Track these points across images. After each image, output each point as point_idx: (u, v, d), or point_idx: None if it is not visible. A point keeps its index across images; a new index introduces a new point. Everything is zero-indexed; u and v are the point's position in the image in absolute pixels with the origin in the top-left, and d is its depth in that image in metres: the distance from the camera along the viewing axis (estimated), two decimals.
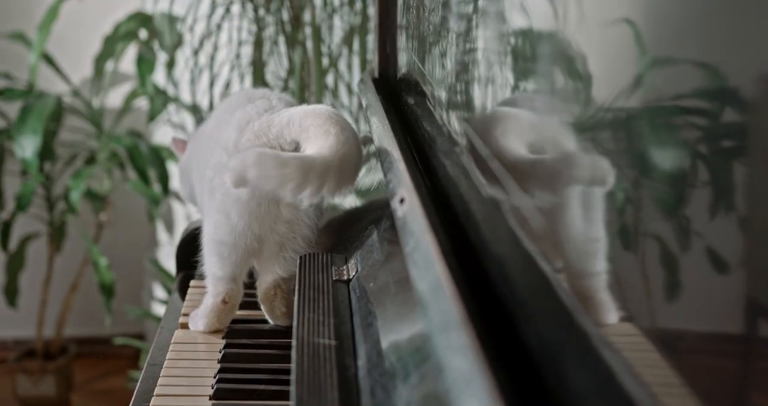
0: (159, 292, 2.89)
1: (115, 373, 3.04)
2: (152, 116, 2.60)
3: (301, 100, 2.09)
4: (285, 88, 2.18)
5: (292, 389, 0.77)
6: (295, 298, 0.98)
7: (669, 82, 0.53)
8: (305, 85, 2.10)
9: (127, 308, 2.72)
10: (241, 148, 1.07)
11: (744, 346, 0.47)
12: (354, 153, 1.03)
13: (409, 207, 0.78)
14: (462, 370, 0.50)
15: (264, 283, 1.13)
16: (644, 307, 0.56)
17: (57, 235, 2.84)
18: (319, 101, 2.02)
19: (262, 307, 1.14)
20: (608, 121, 0.61)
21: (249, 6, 2.19)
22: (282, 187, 0.99)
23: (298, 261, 1.08)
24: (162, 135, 2.85)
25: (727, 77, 0.48)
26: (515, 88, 0.82)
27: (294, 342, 0.85)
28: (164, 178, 2.67)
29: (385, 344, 0.80)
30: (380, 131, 1.08)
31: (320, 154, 1.01)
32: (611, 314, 0.59)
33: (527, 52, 0.78)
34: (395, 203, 0.82)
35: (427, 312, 0.59)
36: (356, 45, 2.13)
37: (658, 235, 0.54)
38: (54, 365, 2.86)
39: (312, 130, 1.04)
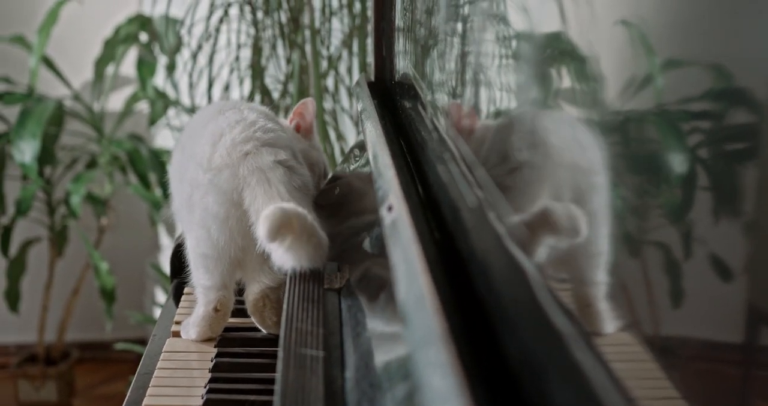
0: (161, 297, 2.88)
1: (116, 378, 3.03)
2: (153, 120, 2.59)
3: None
4: (284, 92, 2.16)
5: (276, 401, 0.75)
6: (284, 307, 0.96)
7: (676, 85, 0.51)
8: (304, 88, 2.08)
9: (129, 313, 2.71)
10: (214, 166, 1.05)
11: (746, 354, 0.46)
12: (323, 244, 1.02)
13: (396, 215, 0.76)
14: (440, 388, 0.48)
15: (252, 294, 1.11)
16: (638, 317, 0.54)
17: (58, 239, 2.83)
18: (319, 104, 1.99)
19: (252, 318, 1.12)
20: (609, 125, 0.59)
21: (247, 8, 2.17)
22: None
23: None
24: (163, 138, 2.84)
25: (736, 79, 0.46)
26: (510, 91, 0.80)
27: (280, 353, 0.83)
28: (165, 182, 2.65)
29: (373, 355, 0.77)
30: (373, 136, 1.06)
31: None
32: (604, 327, 0.57)
33: (523, 55, 0.76)
34: (384, 211, 0.80)
35: (408, 326, 0.57)
36: (356, 47, 2.11)
37: (647, 242, 0.53)
38: (55, 370, 2.85)
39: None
